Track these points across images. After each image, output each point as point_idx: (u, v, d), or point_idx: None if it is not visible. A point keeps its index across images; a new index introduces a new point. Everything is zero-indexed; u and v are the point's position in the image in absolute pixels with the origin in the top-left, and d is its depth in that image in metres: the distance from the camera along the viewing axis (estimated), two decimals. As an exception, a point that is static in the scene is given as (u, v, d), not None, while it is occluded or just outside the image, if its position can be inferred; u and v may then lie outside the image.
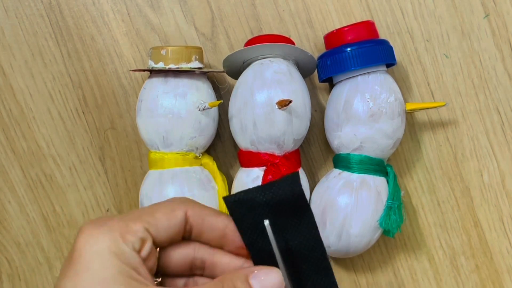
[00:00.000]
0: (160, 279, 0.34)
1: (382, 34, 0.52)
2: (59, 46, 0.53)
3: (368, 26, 0.48)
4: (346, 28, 0.48)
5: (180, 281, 0.35)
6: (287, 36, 0.50)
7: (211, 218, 0.33)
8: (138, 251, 0.31)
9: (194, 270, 0.35)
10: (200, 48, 0.49)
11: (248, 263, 0.34)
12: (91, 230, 0.30)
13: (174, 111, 0.47)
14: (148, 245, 0.31)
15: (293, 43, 0.49)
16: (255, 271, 0.31)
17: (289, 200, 0.33)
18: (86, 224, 0.31)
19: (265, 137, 0.46)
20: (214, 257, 0.34)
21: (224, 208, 0.49)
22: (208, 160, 0.50)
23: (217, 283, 0.32)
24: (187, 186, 0.47)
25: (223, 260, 0.34)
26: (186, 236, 0.34)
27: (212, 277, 0.35)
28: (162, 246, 0.33)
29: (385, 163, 0.49)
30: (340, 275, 0.53)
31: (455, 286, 0.53)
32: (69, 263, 0.30)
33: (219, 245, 0.34)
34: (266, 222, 0.32)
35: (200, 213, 0.33)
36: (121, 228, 0.31)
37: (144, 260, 0.31)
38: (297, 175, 0.33)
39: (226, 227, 0.33)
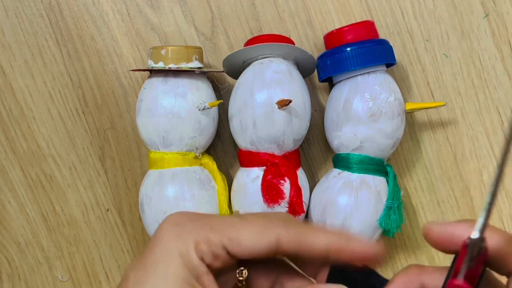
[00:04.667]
0: None
1: (382, 34, 0.52)
2: (59, 46, 0.53)
3: (368, 26, 0.48)
4: (346, 28, 0.48)
5: None
6: (287, 36, 0.50)
7: (309, 238, 0.31)
8: (207, 263, 0.30)
9: None
10: (200, 48, 0.49)
11: None
12: (170, 228, 0.30)
13: (174, 111, 0.47)
14: (220, 261, 0.31)
15: (293, 43, 0.49)
16: None
17: None
18: (169, 218, 0.31)
19: (265, 137, 0.46)
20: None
21: (223, 207, 0.49)
22: (208, 160, 0.50)
23: None
24: (187, 186, 0.47)
25: None
26: (279, 255, 0.32)
27: None
28: (244, 258, 0.31)
29: (385, 163, 0.49)
30: (340, 275, 0.53)
31: (455, 286, 0.53)
32: (142, 255, 0.30)
33: (322, 262, 0.33)
34: None
35: (296, 236, 0.31)
36: (199, 235, 0.30)
37: (214, 270, 0.31)
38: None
39: (328, 243, 0.31)
